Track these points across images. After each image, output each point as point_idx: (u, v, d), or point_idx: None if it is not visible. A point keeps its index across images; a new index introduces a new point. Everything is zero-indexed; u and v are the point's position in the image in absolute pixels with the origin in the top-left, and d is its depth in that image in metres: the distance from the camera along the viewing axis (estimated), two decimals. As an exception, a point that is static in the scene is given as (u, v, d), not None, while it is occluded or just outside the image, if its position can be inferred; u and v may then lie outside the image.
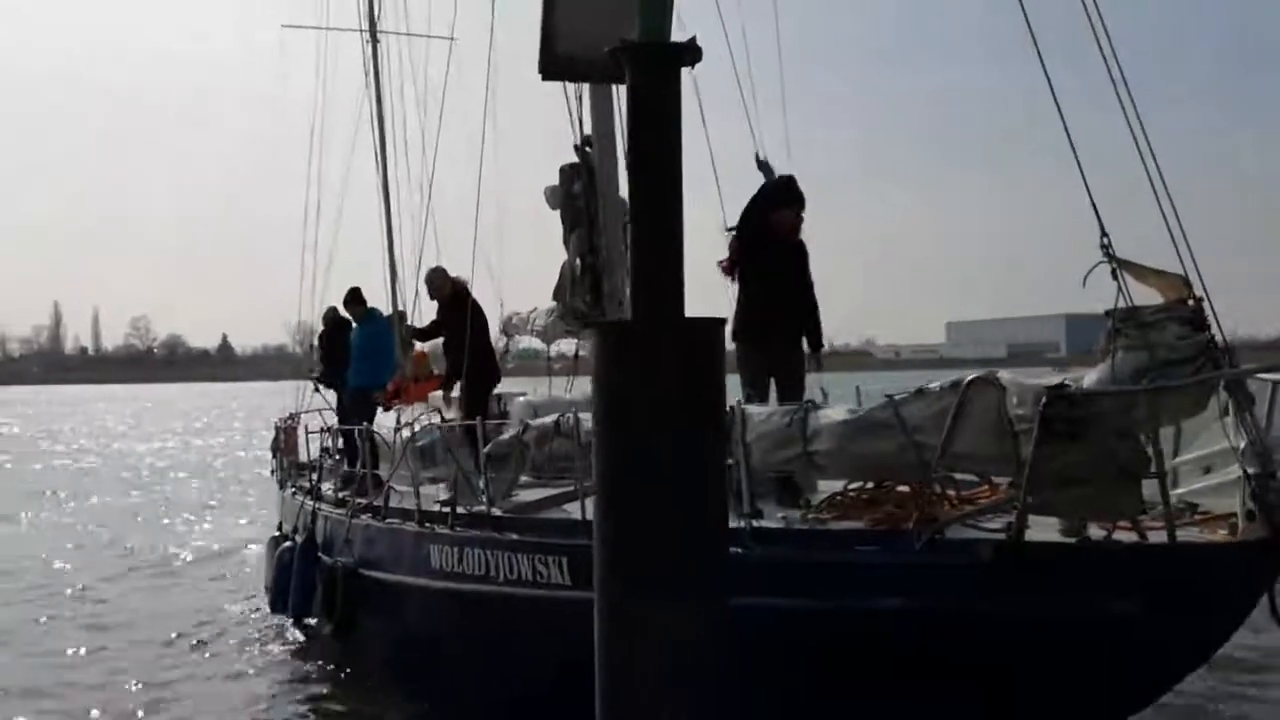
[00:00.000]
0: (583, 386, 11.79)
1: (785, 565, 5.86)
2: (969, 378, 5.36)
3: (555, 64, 6.05)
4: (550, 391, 12.61)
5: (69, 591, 14.17)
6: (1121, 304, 4.95)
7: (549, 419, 7.90)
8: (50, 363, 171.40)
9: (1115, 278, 4.97)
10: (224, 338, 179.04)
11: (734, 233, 8.06)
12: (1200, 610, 4.93)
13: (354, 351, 12.73)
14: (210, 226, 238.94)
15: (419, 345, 14.77)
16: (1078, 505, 4.95)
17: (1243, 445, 4.73)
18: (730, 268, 8.02)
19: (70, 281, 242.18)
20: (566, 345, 12.88)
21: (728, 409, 6.56)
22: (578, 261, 10.26)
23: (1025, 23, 5.31)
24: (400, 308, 17.38)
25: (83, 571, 15.58)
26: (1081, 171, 5.04)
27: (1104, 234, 4.98)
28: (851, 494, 6.57)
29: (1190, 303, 4.85)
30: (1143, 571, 4.96)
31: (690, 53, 4.77)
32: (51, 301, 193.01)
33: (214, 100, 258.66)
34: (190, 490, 27.44)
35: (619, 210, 10.29)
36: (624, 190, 10.40)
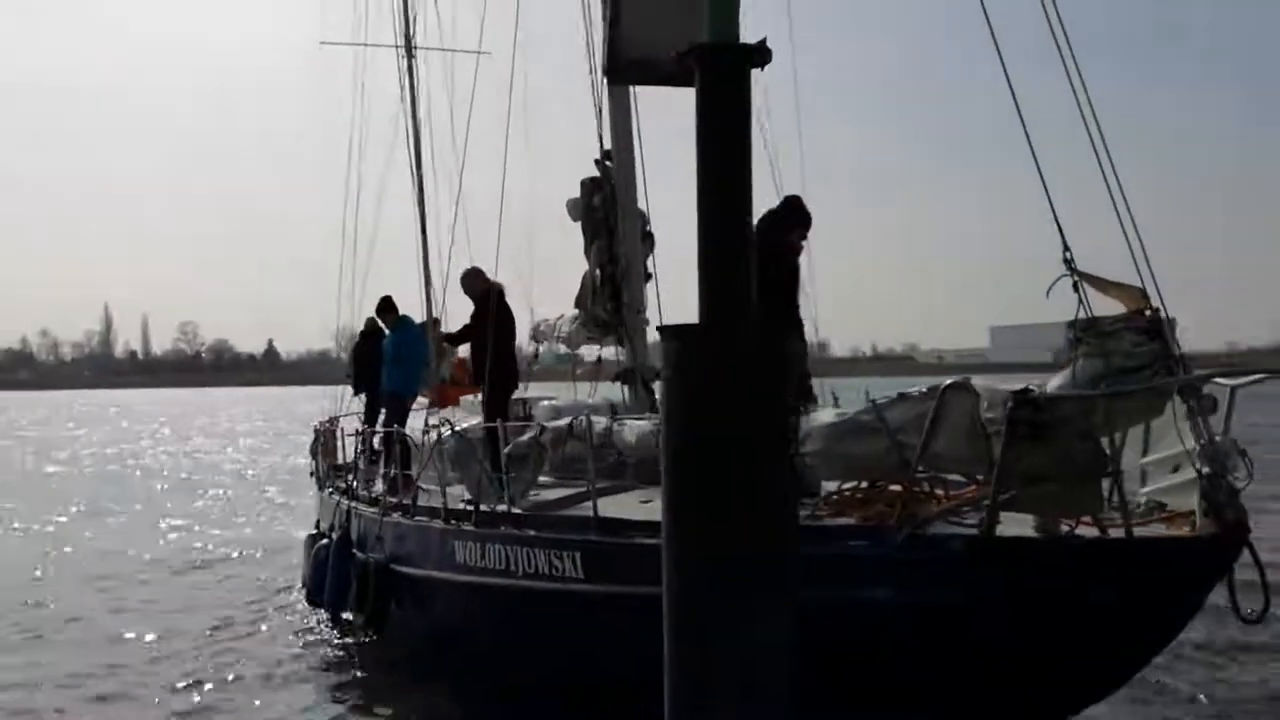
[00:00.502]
0: (605, 391, 12.20)
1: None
2: (946, 383, 5.71)
3: (622, 67, 5.93)
4: (575, 396, 12.98)
5: (109, 587, 14.80)
6: (1083, 315, 5.28)
7: (563, 421, 8.32)
8: (101, 367, 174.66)
9: (1076, 290, 5.30)
10: (270, 343, 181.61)
11: None
12: (1156, 601, 5.25)
13: (386, 357, 13.16)
14: (258, 233, 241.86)
15: (458, 351, 15.24)
16: (1043, 502, 5.29)
17: (1196, 447, 5.04)
18: None
19: (121, 287, 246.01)
20: (592, 351, 13.31)
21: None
22: (598, 271, 10.68)
23: (991, 37, 5.58)
24: (435, 315, 18.01)
25: (125, 568, 16.23)
26: (1045, 188, 5.34)
27: (1066, 248, 5.31)
28: (848, 492, 6.93)
29: (1147, 314, 5.17)
30: (1102, 564, 5.29)
31: (760, 54, 4.73)
32: (102, 306, 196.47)
33: (257, 110, 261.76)
34: (226, 491, 28.15)
35: (638, 221, 10.75)
36: (643, 202, 10.87)
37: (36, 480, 31.98)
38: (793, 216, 8.51)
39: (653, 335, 10.98)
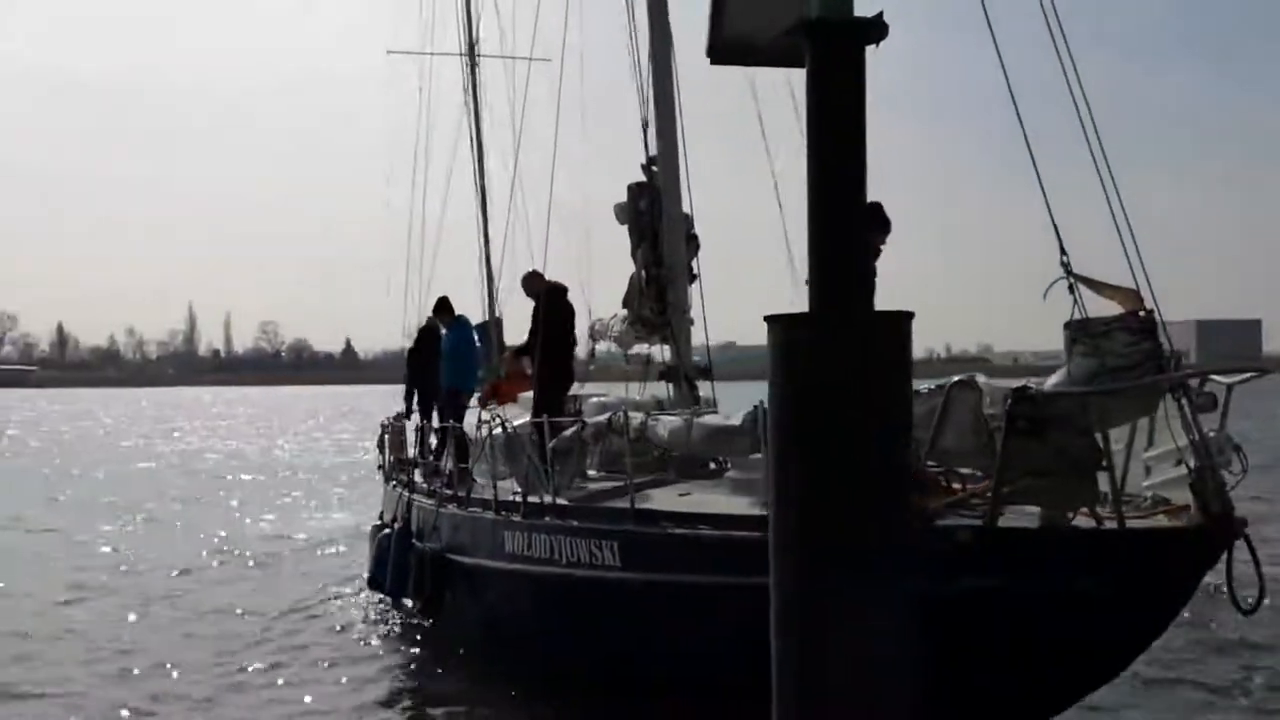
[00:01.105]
0: (655, 389, 12.56)
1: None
2: (952, 380, 5.99)
3: (724, 48, 5.35)
4: (626, 393, 13.36)
5: (182, 573, 15.64)
6: (1078, 315, 5.53)
7: (603, 417, 8.71)
8: (185, 365, 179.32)
9: (1072, 292, 5.54)
10: (348, 342, 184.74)
11: None
12: (1147, 589, 5.48)
13: (444, 355, 13.68)
14: (335, 235, 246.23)
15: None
16: (1043, 495, 5.54)
17: (1185, 443, 5.27)
18: None
19: (204, 288, 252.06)
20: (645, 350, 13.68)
21: (755, 406, 7.33)
22: (644, 273, 11.06)
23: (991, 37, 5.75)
24: (498, 314, 18.54)
25: (197, 558, 17.06)
26: (1044, 191, 5.56)
27: (1063, 252, 5.55)
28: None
29: (1141, 314, 5.40)
30: (1093, 553, 5.52)
31: (875, 29, 4.44)
32: (186, 306, 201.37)
33: (330, 115, 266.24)
34: (291, 486, 29.08)
35: (682, 225, 11.11)
36: (687, 205, 11.24)
37: (115, 475, 33.18)
38: (873, 222, 8.73)
39: (697, 335, 11.38)
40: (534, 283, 11.90)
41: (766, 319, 4.59)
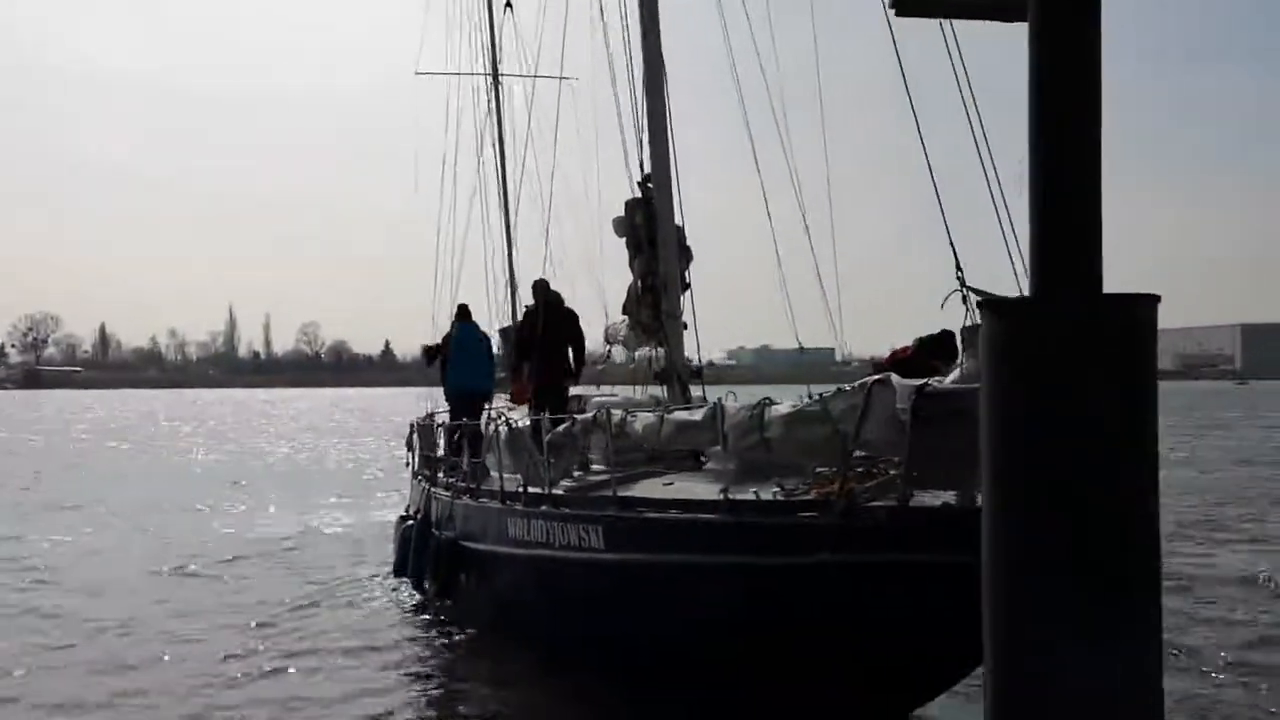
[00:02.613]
0: (657, 390, 13.49)
1: (747, 527, 7.50)
2: (872, 379, 6.88)
3: None
4: (633, 393, 14.31)
5: (226, 558, 16.86)
6: (970, 322, 6.41)
7: (589, 414, 9.70)
8: (225, 366, 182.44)
9: (965, 302, 6.41)
10: (386, 344, 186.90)
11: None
12: None
13: (449, 358, 14.78)
14: (375, 239, 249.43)
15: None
16: (941, 481, 6.43)
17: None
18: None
19: (245, 289, 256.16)
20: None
21: (715, 402, 8.28)
22: (639, 282, 12.05)
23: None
24: (519, 321, 19.61)
25: (237, 546, 18.26)
26: (943, 212, 6.41)
27: (959, 267, 6.42)
28: (822, 473, 8.14)
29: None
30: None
31: None
32: (227, 308, 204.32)
33: (370, 120, 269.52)
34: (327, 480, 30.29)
35: (675, 238, 12.09)
36: (679, 217, 12.21)
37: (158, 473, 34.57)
38: (939, 349, 8.63)
39: (689, 340, 12.34)
40: (535, 290, 13.05)
41: (981, 305, 4.17)
